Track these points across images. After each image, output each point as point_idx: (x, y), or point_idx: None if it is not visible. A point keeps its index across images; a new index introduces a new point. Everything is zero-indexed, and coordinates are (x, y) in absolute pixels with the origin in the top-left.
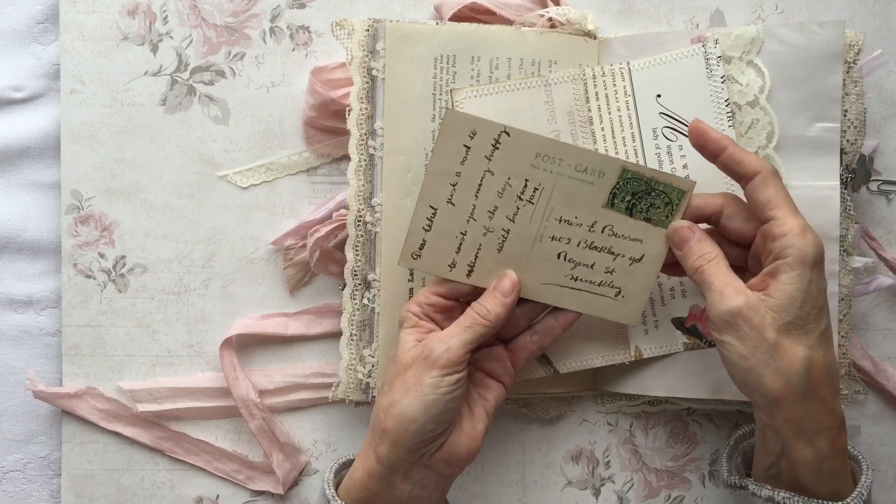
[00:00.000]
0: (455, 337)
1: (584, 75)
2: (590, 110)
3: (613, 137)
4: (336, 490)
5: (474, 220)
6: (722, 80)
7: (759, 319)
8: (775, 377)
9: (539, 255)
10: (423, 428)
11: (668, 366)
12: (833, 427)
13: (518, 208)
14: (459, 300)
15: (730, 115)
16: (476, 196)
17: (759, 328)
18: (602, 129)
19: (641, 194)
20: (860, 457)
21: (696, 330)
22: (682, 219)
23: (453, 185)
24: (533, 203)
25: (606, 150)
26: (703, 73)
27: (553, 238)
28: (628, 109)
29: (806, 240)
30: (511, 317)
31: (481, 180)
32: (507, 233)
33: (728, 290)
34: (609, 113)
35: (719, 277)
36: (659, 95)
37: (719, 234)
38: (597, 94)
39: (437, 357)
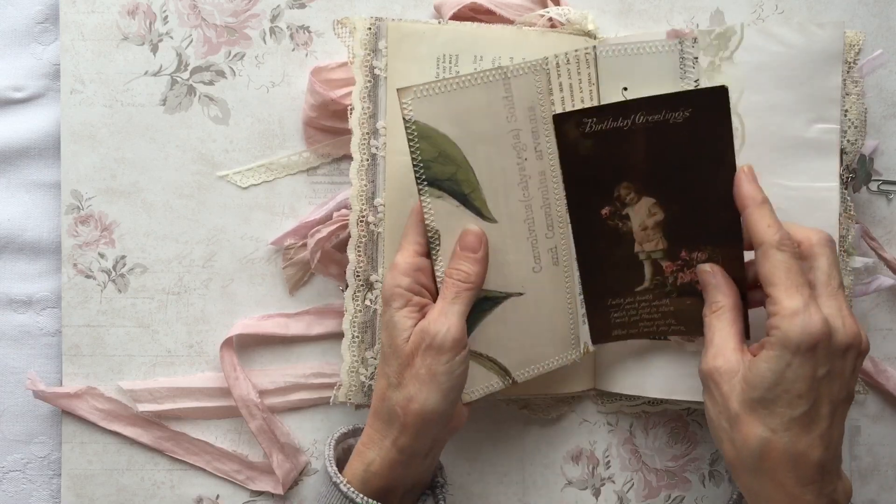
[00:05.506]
0: (450, 316)
1: (546, 64)
2: (553, 103)
3: None
4: (341, 472)
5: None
6: (696, 83)
7: (728, 387)
8: (730, 446)
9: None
10: (444, 415)
11: (668, 367)
12: None
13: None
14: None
15: None
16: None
17: (726, 396)
18: None
19: None
20: None
21: None
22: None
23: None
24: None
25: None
26: (677, 73)
27: None
28: (592, 100)
29: (793, 323)
30: None
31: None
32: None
33: (712, 350)
34: (573, 104)
35: (718, 332)
36: (626, 88)
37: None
38: (560, 84)
39: (442, 341)
